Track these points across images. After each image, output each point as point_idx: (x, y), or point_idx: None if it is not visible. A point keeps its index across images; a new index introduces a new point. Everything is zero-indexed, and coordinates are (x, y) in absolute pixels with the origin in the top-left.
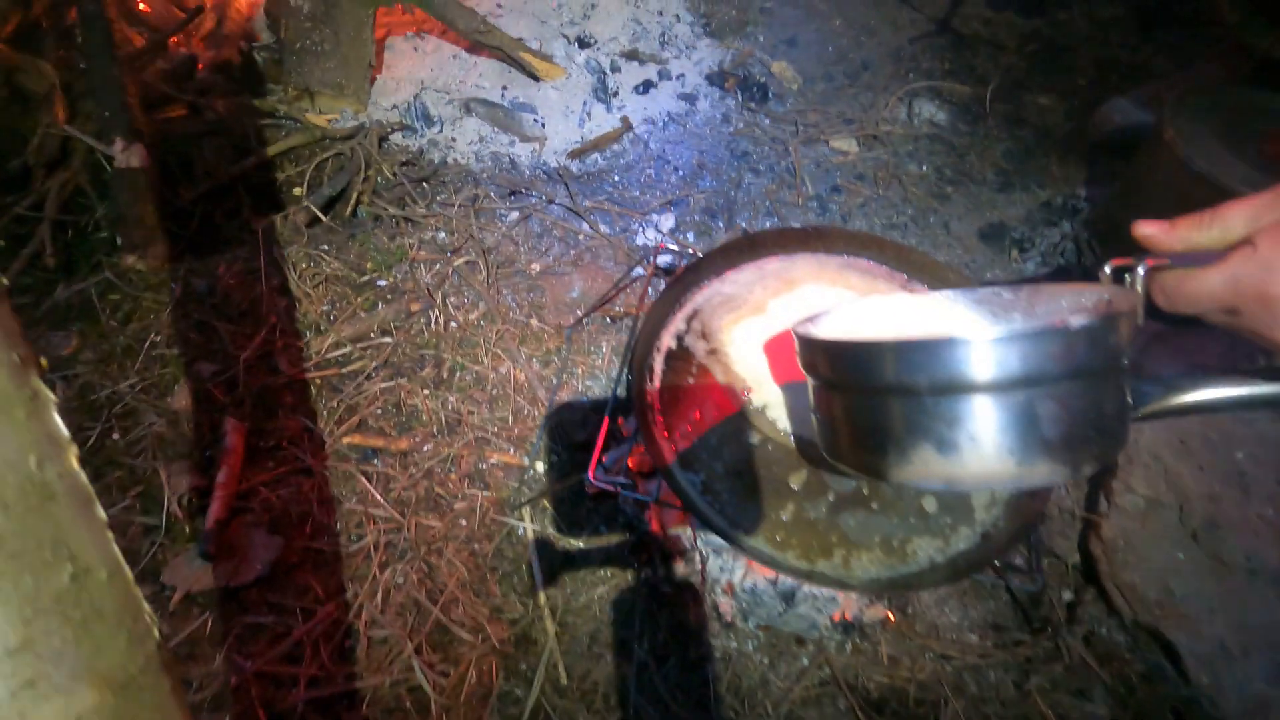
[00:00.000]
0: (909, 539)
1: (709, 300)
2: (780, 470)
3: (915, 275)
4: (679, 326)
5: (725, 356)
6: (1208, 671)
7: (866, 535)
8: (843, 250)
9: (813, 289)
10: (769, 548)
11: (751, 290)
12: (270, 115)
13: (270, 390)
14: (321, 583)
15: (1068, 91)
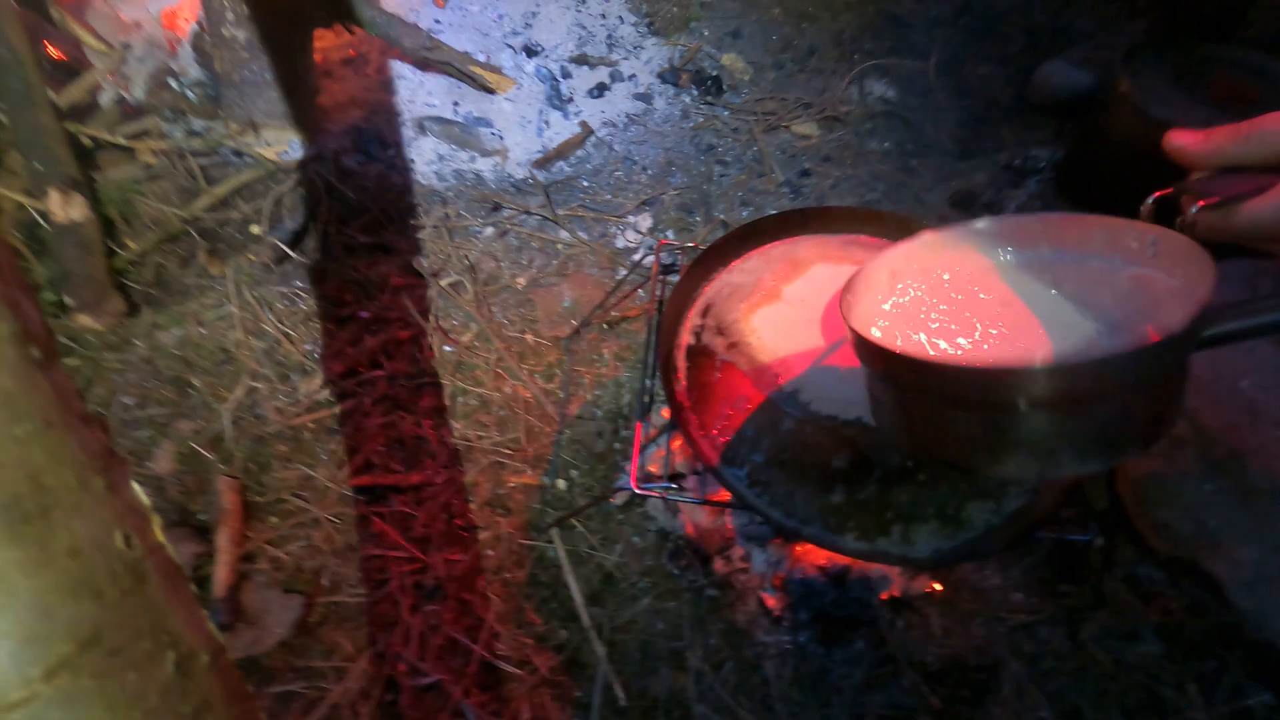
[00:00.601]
0: (963, 505)
1: (720, 292)
2: (822, 453)
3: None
4: (695, 322)
5: (748, 346)
6: (1248, 596)
7: (920, 507)
8: (843, 228)
9: (822, 269)
10: (827, 532)
11: (761, 277)
12: (214, 153)
13: (261, 441)
14: (349, 637)
15: (1004, 59)
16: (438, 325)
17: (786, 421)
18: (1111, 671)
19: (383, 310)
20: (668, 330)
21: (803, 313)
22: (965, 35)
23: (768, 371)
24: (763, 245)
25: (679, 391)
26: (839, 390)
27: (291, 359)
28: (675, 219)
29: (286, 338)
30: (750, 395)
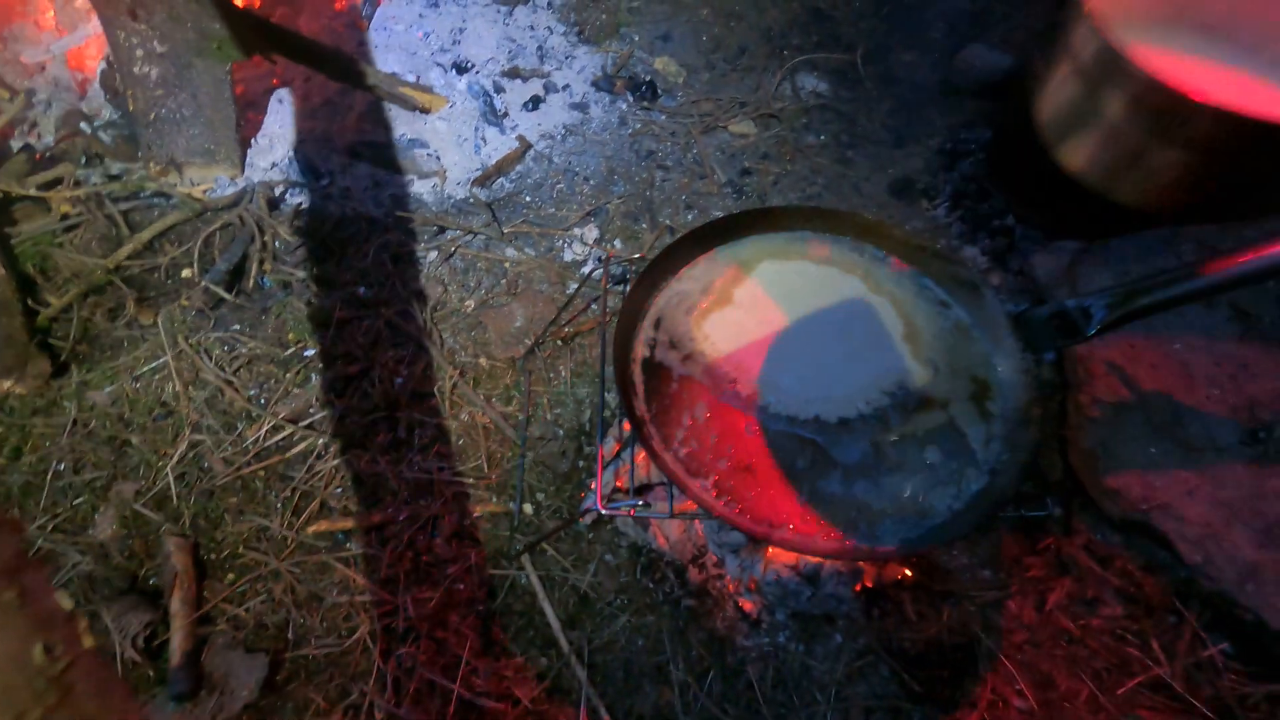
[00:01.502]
0: (924, 494)
1: (670, 302)
2: (785, 455)
3: (859, 236)
4: (648, 334)
5: (702, 355)
6: (1199, 550)
7: (884, 499)
8: (786, 226)
9: (770, 266)
10: (797, 535)
11: (711, 282)
12: (135, 197)
13: (210, 495)
14: (321, 691)
15: (927, 46)
16: (386, 357)
17: (747, 426)
18: (1079, 637)
19: (328, 347)
20: (620, 346)
21: (754, 314)
22: (888, 25)
23: (724, 378)
24: (709, 250)
25: (637, 406)
26: (797, 389)
27: (235, 406)
28: (621, 228)
29: (228, 384)
30: (709, 403)
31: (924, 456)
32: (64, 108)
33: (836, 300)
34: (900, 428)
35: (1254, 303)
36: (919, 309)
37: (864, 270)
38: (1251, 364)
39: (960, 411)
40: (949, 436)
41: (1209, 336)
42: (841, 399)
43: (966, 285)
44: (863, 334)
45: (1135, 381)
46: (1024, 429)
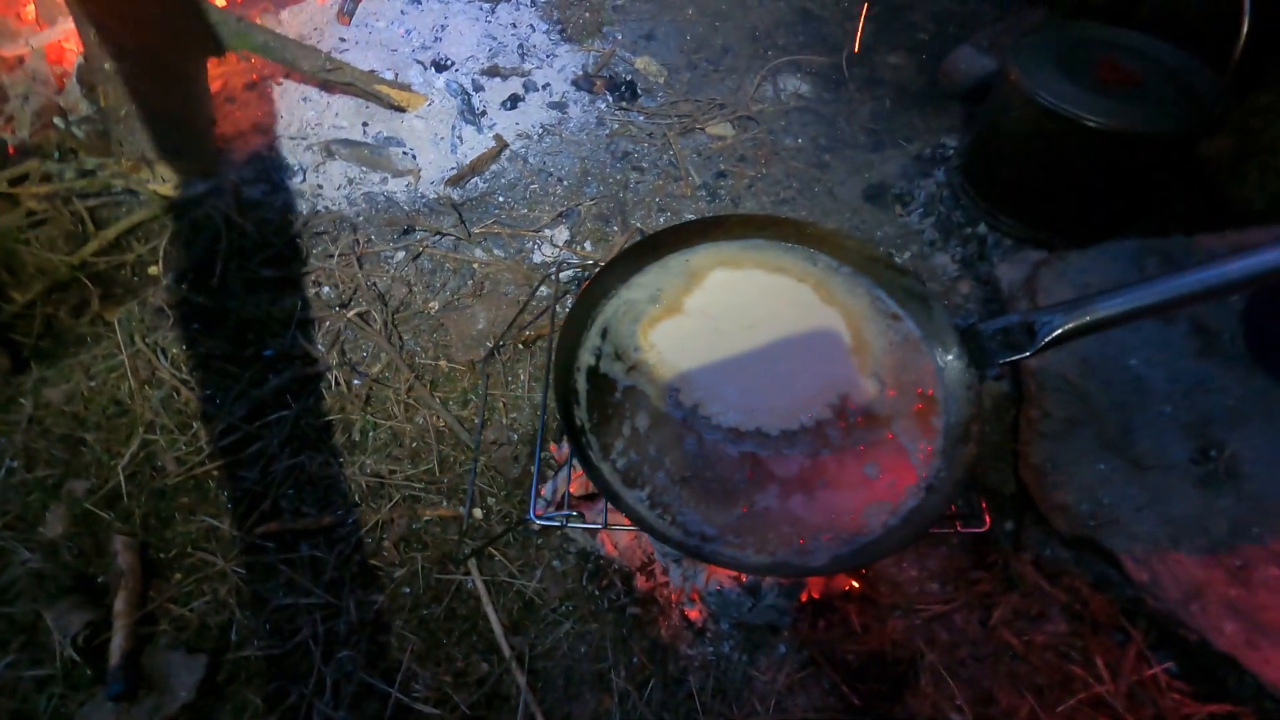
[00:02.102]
0: (860, 509)
1: (619, 310)
2: (724, 468)
3: (811, 245)
4: (594, 342)
5: (647, 365)
6: (1145, 568)
7: (820, 514)
8: (740, 234)
9: (721, 275)
10: (729, 550)
11: (661, 290)
12: (105, 193)
13: (162, 495)
14: (260, 693)
15: (914, 47)
16: (345, 359)
17: (688, 438)
18: (1022, 653)
19: (287, 347)
20: (564, 355)
21: (702, 323)
22: (876, 25)
23: (668, 388)
24: (661, 257)
25: (578, 416)
26: (741, 399)
27: (190, 406)
28: (592, 230)
29: (184, 384)
30: (651, 413)
31: (864, 471)
32: (40, 102)
33: (786, 310)
34: (841, 442)
35: (1216, 319)
36: (869, 321)
37: (816, 280)
38: (1208, 381)
39: (903, 427)
40: (890, 451)
41: (1167, 352)
42: (784, 411)
43: (916, 297)
44: (810, 346)
45: (1086, 397)
46: (963, 445)
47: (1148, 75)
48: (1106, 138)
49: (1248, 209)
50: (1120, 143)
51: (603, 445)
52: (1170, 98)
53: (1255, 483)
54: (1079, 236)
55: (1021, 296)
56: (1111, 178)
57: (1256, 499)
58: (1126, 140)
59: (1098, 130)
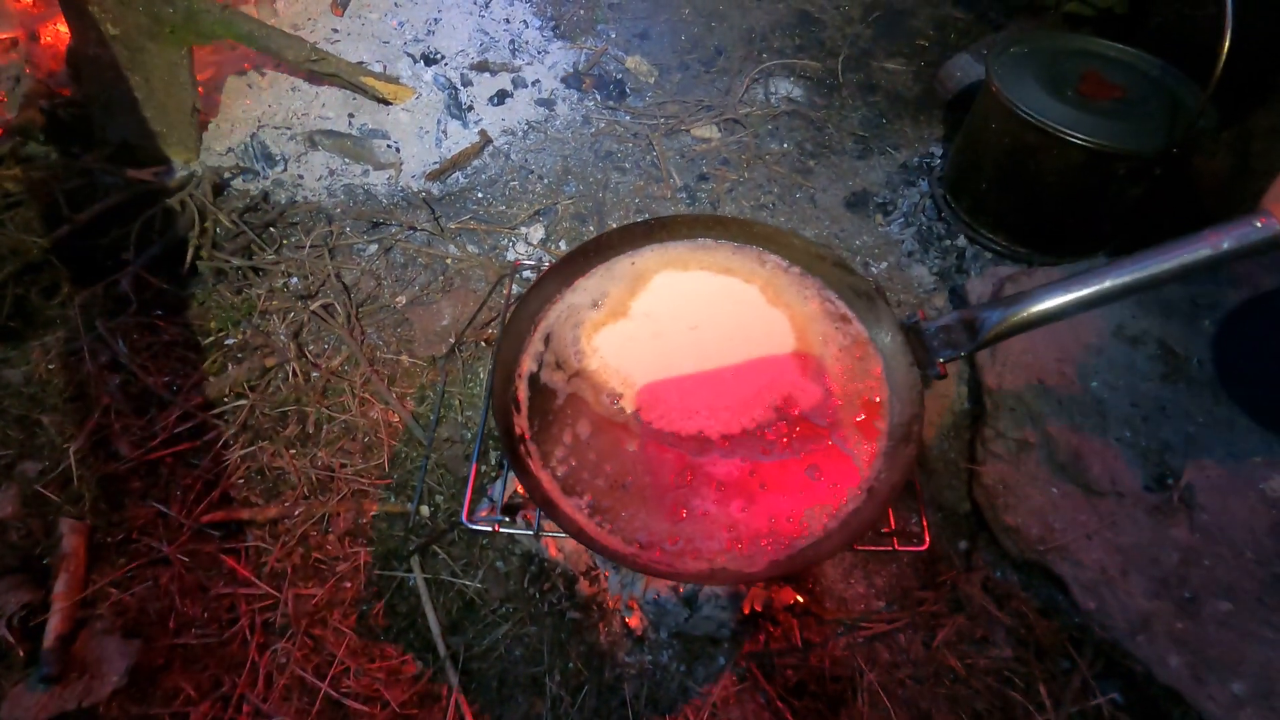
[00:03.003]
0: (800, 513)
1: (563, 315)
2: (663, 471)
3: (759, 244)
4: (537, 348)
5: (589, 371)
6: (1093, 596)
7: (758, 518)
8: (687, 235)
9: (667, 278)
10: (664, 558)
11: (606, 294)
12: (84, 176)
13: (112, 479)
14: (192, 681)
15: (912, 54)
16: (305, 350)
17: (629, 443)
18: (964, 676)
19: (249, 337)
20: (506, 361)
21: (646, 326)
22: (875, 30)
23: (610, 394)
24: (607, 260)
25: (517, 424)
26: (682, 403)
27: (149, 391)
28: (569, 229)
29: (143, 369)
30: (593, 419)
31: (805, 474)
32: (30, 84)
33: (732, 312)
34: (783, 445)
35: (1185, 343)
36: (815, 322)
37: (764, 280)
38: (1171, 407)
39: (846, 428)
40: (832, 453)
41: (1131, 375)
42: (726, 414)
43: (863, 296)
44: (754, 348)
45: (1039, 418)
46: (904, 445)
47: (1133, 90)
48: (1085, 153)
49: None
50: (1099, 158)
51: (544, 453)
52: (1154, 114)
53: (1209, 514)
54: (1057, 252)
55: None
56: (1091, 194)
57: (1209, 530)
58: (1105, 156)
59: (1076, 145)
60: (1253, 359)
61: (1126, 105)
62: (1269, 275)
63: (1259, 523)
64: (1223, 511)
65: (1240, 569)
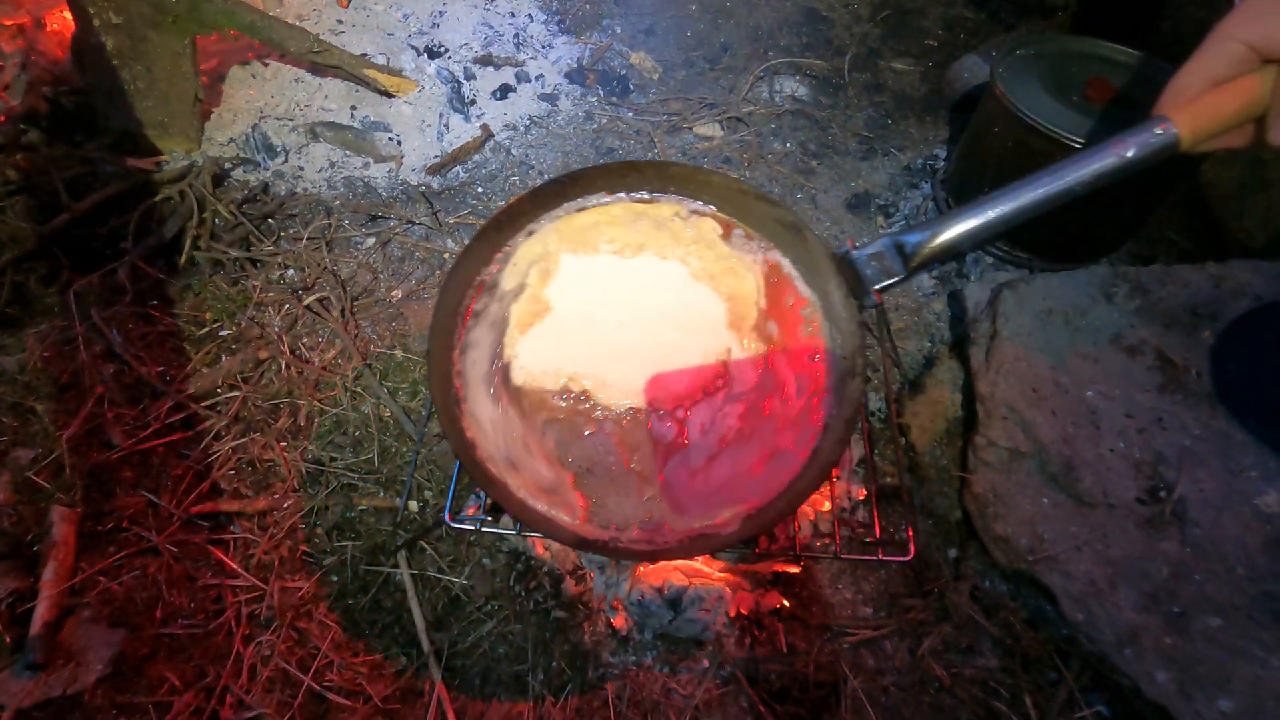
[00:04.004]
0: (760, 463)
1: (487, 306)
2: (625, 449)
3: (674, 187)
4: (470, 339)
5: (524, 367)
6: (1081, 608)
7: (722, 478)
8: (579, 195)
9: (572, 262)
10: (646, 535)
11: (521, 287)
12: (86, 164)
13: (104, 468)
14: (177, 671)
15: (921, 54)
16: (299, 343)
17: (586, 428)
18: (949, 685)
19: (244, 329)
20: (440, 368)
21: (574, 315)
22: (884, 29)
23: (557, 382)
24: (503, 244)
25: (467, 431)
26: (627, 380)
27: (142, 381)
28: None
29: (137, 359)
30: (547, 410)
31: (762, 425)
32: (36, 72)
33: (655, 293)
34: (734, 402)
35: (1184, 353)
36: (742, 283)
37: (684, 254)
38: (1167, 418)
39: (791, 372)
40: (783, 401)
41: (1127, 385)
42: (674, 382)
43: (790, 228)
44: (689, 320)
45: (1032, 427)
46: (850, 379)
47: (1139, 96)
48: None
49: (1247, 244)
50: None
51: (501, 456)
52: None
53: (1201, 528)
54: (1059, 258)
55: (984, 318)
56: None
57: (1200, 545)
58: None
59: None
60: (1252, 371)
61: (1133, 110)
62: (1271, 285)
63: (1252, 538)
64: (1215, 526)
65: (1231, 585)
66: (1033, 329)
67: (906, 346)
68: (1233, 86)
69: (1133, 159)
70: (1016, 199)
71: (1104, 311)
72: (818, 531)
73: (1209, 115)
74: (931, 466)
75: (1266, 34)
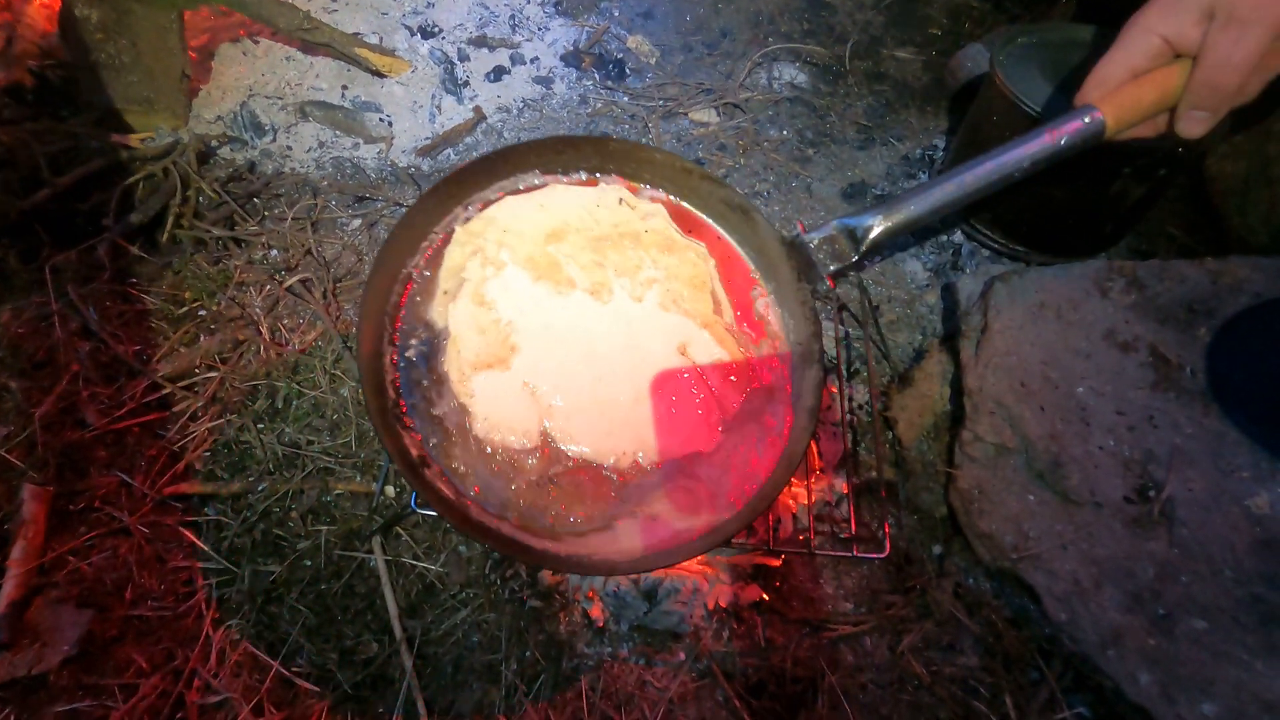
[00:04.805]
0: (735, 460)
1: (415, 308)
2: (588, 484)
3: (615, 165)
4: (404, 360)
5: (488, 417)
6: (1065, 608)
7: (701, 485)
8: (510, 173)
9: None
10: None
11: (462, 285)
12: (69, 139)
13: (77, 447)
14: (145, 654)
15: (924, 43)
16: (279, 324)
17: (544, 469)
18: (928, 683)
19: (223, 309)
20: (374, 386)
21: (529, 360)
22: (887, 17)
23: (522, 447)
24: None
25: (411, 447)
26: (590, 433)
27: (118, 360)
28: None
29: (114, 337)
30: (497, 449)
31: (748, 426)
32: (21, 45)
33: (609, 323)
34: (706, 413)
35: (1179, 350)
36: (695, 287)
37: (637, 273)
38: (1159, 416)
39: (758, 365)
40: (758, 395)
41: (1119, 381)
42: (630, 433)
43: (738, 210)
44: (643, 343)
45: (1019, 423)
46: (807, 366)
47: None
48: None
49: (1250, 240)
50: (1101, 156)
51: (453, 475)
52: None
53: (1189, 529)
54: (1055, 251)
55: (975, 311)
56: (1091, 193)
57: (1188, 546)
58: (1107, 154)
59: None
60: (1247, 370)
61: None
62: (1271, 282)
63: (1240, 540)
64: (1203, 527)
65: (1217, 587)
66: (1024, 322)
67: (897, 339)
68: (1150, 79)
69: (1065, 145)
70: (960, 182)
71: (1098, 306)
72: (799, 525)
73: (1130, 105)
74: (918, 461)
75: (1179, 29)
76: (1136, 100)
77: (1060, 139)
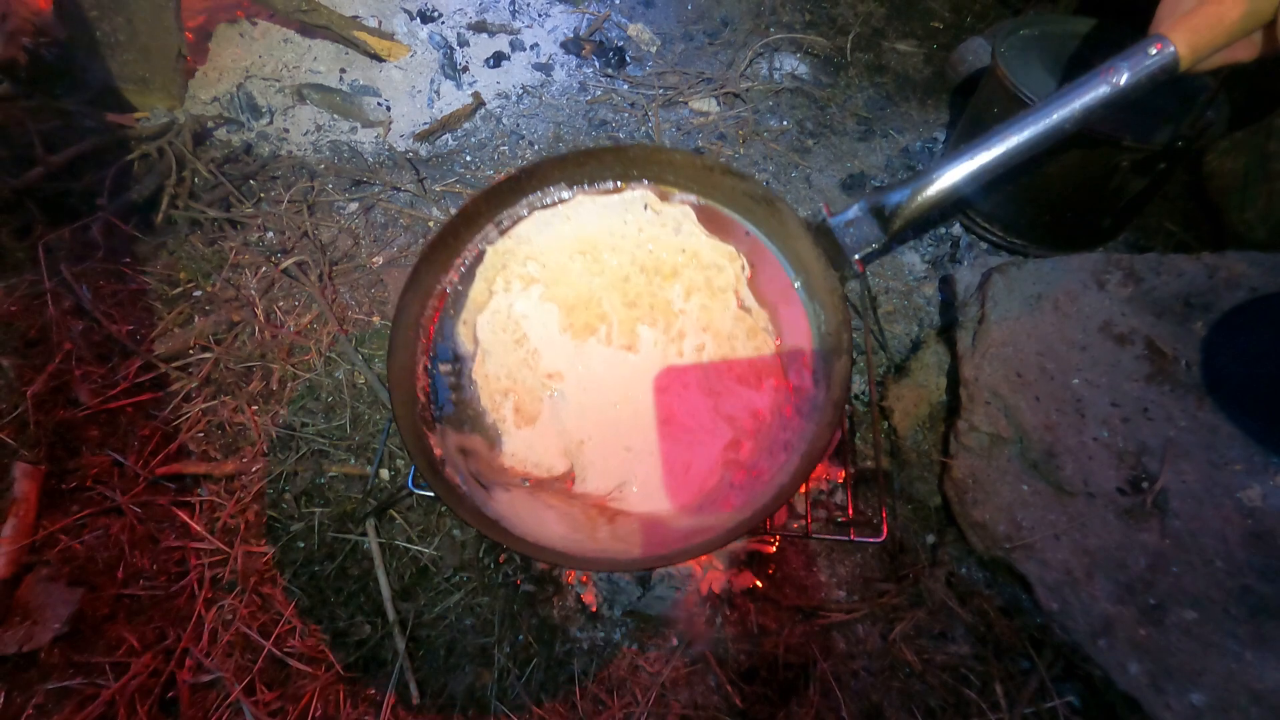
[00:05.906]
0: (763, 454)
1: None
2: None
3: (637, 169)
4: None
5: (517, 454)
6: (1056, 597)
7: (737, 475)
8: (535, 189)
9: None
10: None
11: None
12: (63, 117)
13: (70, 426)
14: (136, 632)
15: (926, 36)
16: (275, 306)
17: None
18: (919, 671)
19: (218, 290)
20: (404, 398)
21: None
22: (890, 9)
23: (550, 475)
24: (452, 263)
25: (433, 448)
26: (644, 485)
27: (111, 340)
28: None
29: (107, 317)
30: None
31: (778, 428)
32: (16, 21)
33: (634, 376)
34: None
35: (1175, 343)
36: (727, 333)
37: (661, 346)
38: (1153, 408)
39: (781, 365)
40: (775, 391)
41: (1115, 373)
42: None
43: (762, 201)
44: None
45: (1015, 413)
46: (836, 357)
47: None
48: (1086, 142)
49: (1248, 236)
50: (1100, 149)
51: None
52: (1161, 105)
53: (1181, 520)
54: (1054, 245)
55: (973, 302)
56: (1091, 186)
57: (1180, 537)
58: (1107, 147)
59: (1077, 135)
60: (1242, 365)
61: None
62: (1267, 277)
63: (1232, 531)
64: (1196, 518)
65: (1209, 578)
66: (1021, 314)
67: (894, 330)
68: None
69: (1126, 86)
70: (1003, 141)
71: (1095, 298)
72: (794, 512)
73: (1210, 26)
74: (913, 451)
75: None
76: (1218, 19)
77: (1120, 79)
